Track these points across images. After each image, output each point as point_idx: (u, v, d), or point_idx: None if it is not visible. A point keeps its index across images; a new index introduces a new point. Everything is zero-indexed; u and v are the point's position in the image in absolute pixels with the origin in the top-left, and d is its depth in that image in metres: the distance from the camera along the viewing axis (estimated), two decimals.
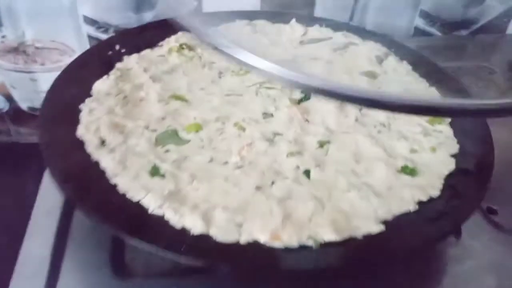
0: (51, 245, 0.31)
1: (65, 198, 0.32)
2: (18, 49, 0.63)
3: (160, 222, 0.27)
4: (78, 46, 0.64)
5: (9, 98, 0.68)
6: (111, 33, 0.63)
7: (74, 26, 0.62)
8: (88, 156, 0.32)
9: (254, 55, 0.20)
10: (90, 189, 0.28)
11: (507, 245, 0.34)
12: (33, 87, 0.66)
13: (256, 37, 0.48)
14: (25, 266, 0.30)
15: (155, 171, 0.31)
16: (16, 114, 0.69)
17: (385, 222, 0.29)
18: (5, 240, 0.36)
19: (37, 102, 0.56)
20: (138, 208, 0.28)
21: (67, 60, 0.64)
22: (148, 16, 0.62)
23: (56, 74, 0.41)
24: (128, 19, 0.62)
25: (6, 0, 0.57)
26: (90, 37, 0.63)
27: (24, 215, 0.37)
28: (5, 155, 0.66)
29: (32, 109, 0.68)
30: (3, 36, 0.61)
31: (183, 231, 0.27)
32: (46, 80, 0.42)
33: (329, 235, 0.27)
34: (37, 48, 0.64)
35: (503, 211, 0.36)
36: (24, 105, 0.70)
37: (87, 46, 0.64)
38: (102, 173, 0.30)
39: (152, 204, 0.28)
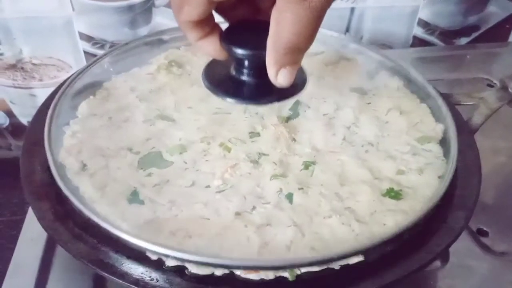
0: (34, 276, 0.31)
1: None
2: (16, 66, 0.64)
3: (135, 253, 0.27)
4: (75, 62, 0.65)
5: (9, 114, 0.69)
6: (107, 49, 0.63)
7: (70, 42, 0.62)
8: (68, 182, 0.31)
9: None
10: (67, 222, 0.28)
11: (498, 267, 0.33)
12: (32, 103, 0.67)
13: None
14: None
15: (134, 197, 0.31)
16: (16, 129, 0.70)
17: (366, 250, 0.28)
18: None
19: None
20: (113, 239, 0.28)
21: (64, 76, 0.65)
22: (144, 32, 0.63)
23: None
24: (124, 35, 0.62)
25: (2, 19, 0.58)
26: (87, 53, 0.63)
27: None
28: (6, 169, 0.67)
29: None
30: (1, 54, 0.62)
31: (159, 262, 0.27)
32: (44, 95, 0.42)
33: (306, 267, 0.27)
34: (34, 64, 0.65)
35: (494, 233, 0.35)
36: (24, 120, 0.71)
37: (83, 61, 0.65)
38: (81, 200, 0.30)
39: (128, 234, 0.28)
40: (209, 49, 0.32)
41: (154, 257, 0.27)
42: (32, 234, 0.33)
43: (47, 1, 0.57)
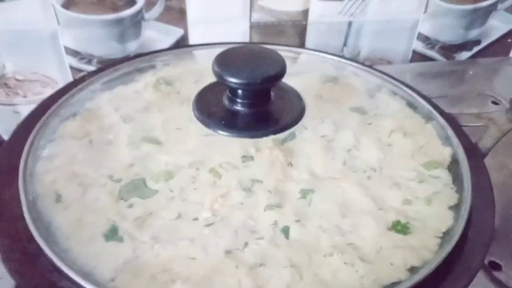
0: None
1: None
2: None
3: None
4: (61, 78, 0.63)
5: None
6: (94, 64, 0.61)
7: (56, 57, 0.60)
8: (40, 215, 0.28)
9: None
10: (36, 265, 0.25)
11: None
12: (16, 119, 0.64)
13: None
14: None
15: (112, 234, 0.28)
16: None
17: None
18: None
19: None
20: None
21: (50, 92, 0.62)
22: (133, 46, 0.60)
23: None
24: (112, 50, 0.59)
25: None
26: (73, 68, 0.61)
27: None
28: None
29: None
30: None
31: None
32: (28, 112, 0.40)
33: None
34: (18, 80, 0.62)
35: (508, 266, 0.32)
36: (7, 137, 0.67)
37: (69, 77, 0.62)
38: (53, 237, 0.27)
39: (103, 277, 0.25)
40: None
41: None
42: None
43: (31, 14, 0.54)
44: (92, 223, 0.28)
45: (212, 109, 0.36)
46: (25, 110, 0.62)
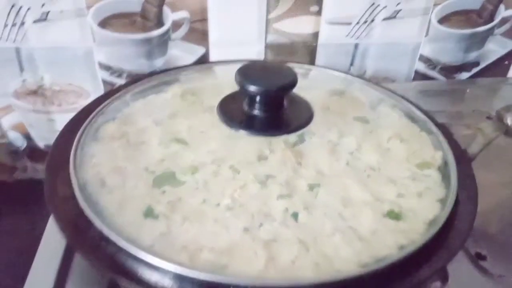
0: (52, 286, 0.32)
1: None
2: (37, 92, 0.67)
3: (149, 264, 0.29)
4: (93, 89, 0.68)
5: (27, 137, 0.72)
6: (124, 78, 0.67)
7: (90, 71, 0.66)
8: (89, 197, 0.34)
9: None
10: (87, 234, 0.30)
11: None
12: (50, 127, 0.70)
13: None
14: None
15: (149, 213, 0.33)
16: (33, 152, 0.73)
17: (366, 266, 0.30)
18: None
19: None
20: (127, 251, 0.29)
21: (83, 102, 0.68)
22: (159, 63, 0.66)
23: (72, 115, 0.44)
24: (140, 66, 0.66)
25: (28, 48, 0.62)
26: (105, 82, 0.67)
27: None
28: (22, 191, 0.69)
29: (48, 147, 0.71)
30: (24, 80, 0.66)
31: (169, 273, 0.29)
32: (63, 120, 0.45)
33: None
34: (54, 91, 0.68)
35: (493, 257, 0.37)
36: (41, 143, 0.74)
37: (101, 89, 0.68)
38: (100, 214, 0.32)
39: (143, 245, 0.30)
40: None
41: (166, 268, 0.29)
42: (50, 247, 0.35)
43: (70, 33, 0.61)
44: (132, 204, 0.34)
45: (234, 113, 0.41)
46: (59, 118, 0.68)
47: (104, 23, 0.61)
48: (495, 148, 0.42)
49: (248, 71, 0.39)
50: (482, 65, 0.74)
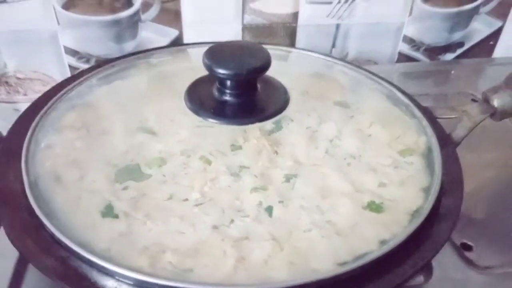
0: None
1: None
2: (0, 81, 0.63)
3: (104, 269, 0.26)
4: (60, 76, 0.65)
5: None
6: (92, 63, 0.63)
7: (56, 56, 0.62)
8: (40, 194, 0.30)
9: None
10: (37, 236, 0.27)
11: (482, 282, 0.33)
12: (16, 117, 0.66)
13: None
14: None
15: (108, 211, 0.30)
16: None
17: (345, 264, 0.27)
18: None
19: None
20: (80, 255, 0.27)
21: None
22: (130, 46, 0.62)
23: None
24: (110, 50, 0.62)
25: None
26: (72, 68, 0.63)
27: None
28: None
29: None
30: None
31: (127, 278, 0.26)
32: None
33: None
34: (19, 78, 0.64)
35: (479, 247, 0.35)
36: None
37: (68, 75, 0.64)
38: (53, 213, 0.29)
39: (98, 248, 0.27)
40: None
41: (123, 272, 0.26)
42: (3, 250, 0.32)
43: (32, 15, 0.56)
44: (89, 201, 0.31)
45: (203, 99, 0.38)
46: (25, 107, 0.64)
47: (68, 4, 0.57)
48: (480, 129, 0.40)
49: (216, 53, 0.36)
50: (467, 45, 0.72)
